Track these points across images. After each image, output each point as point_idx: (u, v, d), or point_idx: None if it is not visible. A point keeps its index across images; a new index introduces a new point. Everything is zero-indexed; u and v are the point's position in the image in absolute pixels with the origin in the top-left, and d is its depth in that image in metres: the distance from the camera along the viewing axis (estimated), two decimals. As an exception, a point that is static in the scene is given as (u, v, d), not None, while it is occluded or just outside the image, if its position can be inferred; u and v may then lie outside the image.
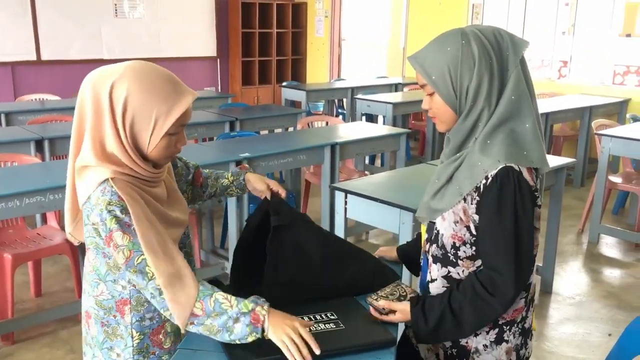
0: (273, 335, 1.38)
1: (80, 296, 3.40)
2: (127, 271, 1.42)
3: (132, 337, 1.56)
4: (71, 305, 3.36)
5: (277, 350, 1.36)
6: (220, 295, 1.41)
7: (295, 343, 1.35)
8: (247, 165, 1.93)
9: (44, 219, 3.80)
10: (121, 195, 1.40)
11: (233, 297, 1.41)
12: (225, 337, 1.40)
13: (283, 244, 1.63)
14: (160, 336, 1.61)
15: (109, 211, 1.39)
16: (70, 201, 1.59)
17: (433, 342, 1.61)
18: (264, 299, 1.44)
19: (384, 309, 1.55)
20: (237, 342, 1.40)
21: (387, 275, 1.72)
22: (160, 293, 1.40)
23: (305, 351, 1.35)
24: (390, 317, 1.55)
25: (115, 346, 1.58)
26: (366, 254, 1.78)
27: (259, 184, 1.81)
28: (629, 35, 6.64)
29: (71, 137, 1.51)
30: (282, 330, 1.37)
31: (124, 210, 1.40)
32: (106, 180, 1.42)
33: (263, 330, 1.39)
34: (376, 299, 1.57)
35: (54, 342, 3.17)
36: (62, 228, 3.59)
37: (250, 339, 1.39)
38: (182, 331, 1.44)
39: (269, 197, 1.76)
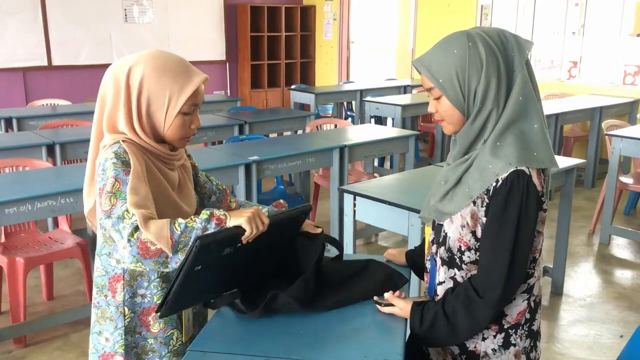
0: (234, 221, 1.46)
1: (91, 299, 3.45)
2: (106, 219, 1.46)
3: (124, 316, 1.59)
4: (83, 308, 3.38)
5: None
6: (179, 219, 1.46)
7: (251, 217, 1.46)
8: (282, 202, 1.87)
9: (56, 223, 3.83)
10: (127, 151, 1.51)
11: (193, 217, 1.47)
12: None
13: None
14: (150, 318, 1.63)
15: (111, 159, 1.48)
16: (89, 180, 1.64)
17: (428, 344, 1.62)
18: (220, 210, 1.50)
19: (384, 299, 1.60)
20: None
21: (395, 282, 1.74)
22: (131, 227, 1.42)
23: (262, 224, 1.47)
24: (390, 309, 1.58)
25: (104, 330, 1.61)
26: (374, 265, 1.80)
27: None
28: (639, 35, 6.59)
29: (94, 122, 1.61)
30: (239, 216, 1.46)
31: (126, 163, 1.49)
32: (118, 141, 1.53)
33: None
34: (382, 304, 1.61)
35: (65, 345, 3.19)
36: (74, 232, 3.64)
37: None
38: (171, 254, 1.43)
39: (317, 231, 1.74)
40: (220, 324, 1.60)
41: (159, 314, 1.48)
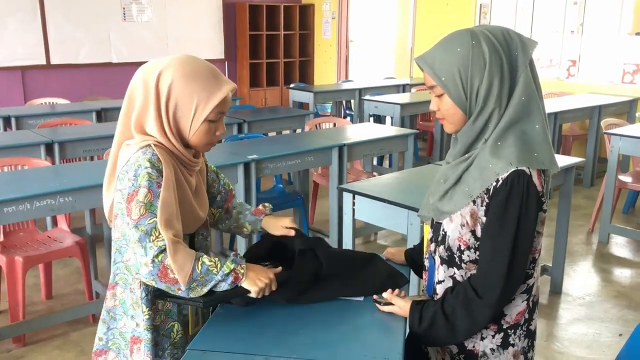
0: (247, 284, 1.55)
1: (91, 298, 3.45)
2: (133, 228, 1.47)
3: (143, 312, 1.61)
4: (82, 307, 3.38)
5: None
6: (205, 257, 1.52)
7: (263, 288, 1.56)
8: (267, 205, 1.93)
9: (54, 222, 3.82)
10: (160, 158, 1.52)
11: (215, 258, 1.53)
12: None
13: (306, 255, 1.72)
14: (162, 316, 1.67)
15: (146, 167, 1.49)
16: (109, 175, 1.65)
17: (427, 343, 1.62)
18: (237, 254, 1.61)
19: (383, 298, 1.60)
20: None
21: (396, 281, 1.75)
22: (157, 250, 1.45)
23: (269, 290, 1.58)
24: (390, 308, 1.58)
25: (136, 316, 1.63)
26: (378, 262, 1.83)
27: (275, 231, 1.85)
28: (638, 34, 6.60)
29: (119, 119, 1.62)
30: (254, 282, 1.55)
31: (160, 171, 1.51)
32: (148, 145, 1.54)
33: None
34: (381, 303, 1.62)
35: (64, 344, 3.19)
36: (73, 230, 3.64)
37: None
38: (183, 288, 1.48)
39: (290, 234, 1.82)
40: (220, 323, 1.60)
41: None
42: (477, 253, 1.50)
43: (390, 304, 1.60)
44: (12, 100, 7.02)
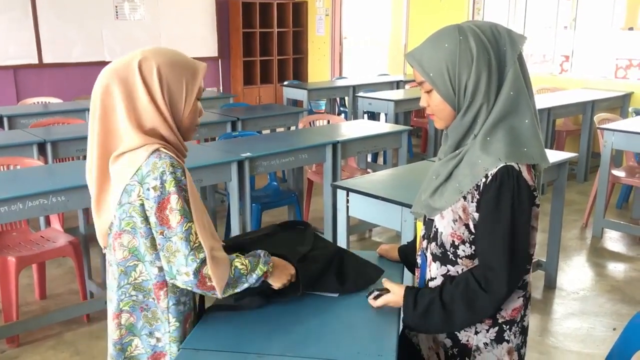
0: (272, 281, 1.62)
1: (85, 297, 3.44)
2: (172, 237, 1.45)
3: (169, 323, 1.57)
4: (76, 307, 3.37)
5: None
6: (237, 261, 1.54)
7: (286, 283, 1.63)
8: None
9: (48, 222, 3.81)
10: (178, 161, 1.49)
11: (246, 260, 1.56)
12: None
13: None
14: (187, 325, 1.62)
15: (171, 172, 1.45)
16: (97, 197, 1.57)
17: (420, 329, 1.62)
18: (266, 253, 1.62)
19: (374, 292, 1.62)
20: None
21: (370, 275, 1.80)
22: (199, 263, 1.45)
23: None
24: (383, 300, 1.59)
25: (155, 330, 1.58)
26: (349, 258, 1.84)
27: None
28: (631, 29, 6.61)
29: (94, 135, 1.53)
30: (279, 278, 1.62)
31: (184, 173, 1.49)
32: (157, 150, 1.48)
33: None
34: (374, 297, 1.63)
35: (58, 344, 3.18)
36: (66, 230, 3.62)
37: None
38: (220, 296, 1.51)
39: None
40: (213, 321, 1.60)
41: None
42: (473, 248, 1.49)
43: (381, 294, 1.59)
44: (4, 99, 6.99)
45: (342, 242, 3.21)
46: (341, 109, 8.19)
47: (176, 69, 1.53)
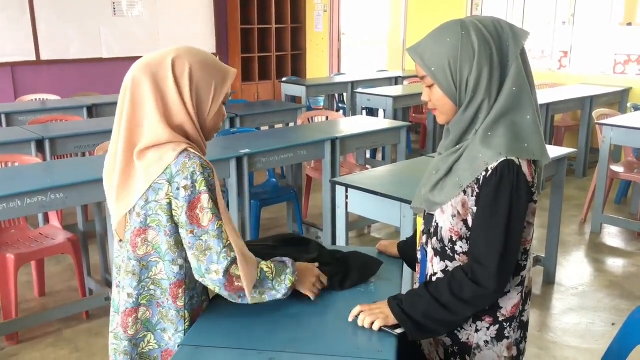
0: (300, 287, 1.65)
1: (84, 294, 3.44)
2: (203, 235, 1.48)
3: (185, 320, 1.59)
4: (75, 304, 3.36)
5: None
6: (262, 264, 1.57)
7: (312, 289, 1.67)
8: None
9: (46, 219, 3.80)
10: (207, 161, 1.53)
11: (272, 264, 1.59)
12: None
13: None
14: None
15: (201, 173, 1.49)
16: (121, 184, 1.55)
17: (420, 329, 1.56)
18: (292, 262, 1.64)
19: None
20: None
21: (371, 268, 1.83)
22: (230, 261, 1.47)
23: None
24: (376, 323, 1.51)
25: (168, 329, 1.60)
26: (356, 255, 1.88)
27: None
28: (629, 24, 6.62)
29: (120, 126, 1.53)
30: (304, 285, 1.66)
31: (213, 174, 1.52)
32: (185, 149, 1.51)
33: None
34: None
35: (58, 341, 3.18)
36: (65, 227, 3.62)
37: None
38: (249, 298, 1.53)
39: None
40: (213, 318, 1.60)
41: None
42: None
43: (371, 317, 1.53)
44: (1, 96, 6.96)
45: (341, 239, 3.21)
46: (340, 105, 8.18)
47: (207, 71, 1.56)
